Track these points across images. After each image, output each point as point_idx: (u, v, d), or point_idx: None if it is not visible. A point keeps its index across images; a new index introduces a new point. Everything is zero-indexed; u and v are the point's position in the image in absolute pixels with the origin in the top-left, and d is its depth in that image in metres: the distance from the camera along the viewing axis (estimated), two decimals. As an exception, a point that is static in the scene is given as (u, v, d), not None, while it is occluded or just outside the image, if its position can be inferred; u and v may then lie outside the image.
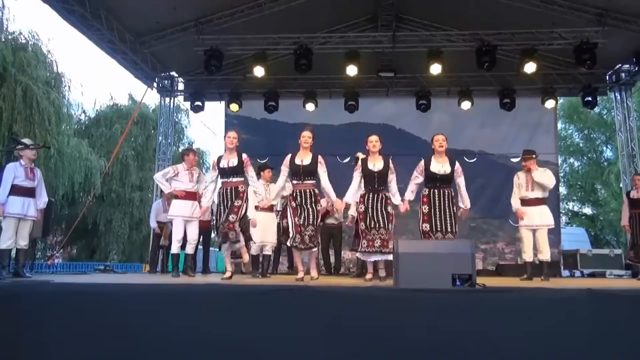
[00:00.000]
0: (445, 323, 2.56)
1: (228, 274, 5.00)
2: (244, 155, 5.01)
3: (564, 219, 21.38)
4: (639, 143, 9.91)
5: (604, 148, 20.79)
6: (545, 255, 5.60)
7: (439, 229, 4.80)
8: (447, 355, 2.50)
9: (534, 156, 5.85)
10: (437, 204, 4.85)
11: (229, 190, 4.92)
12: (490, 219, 9.86)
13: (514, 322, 2.56)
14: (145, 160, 17.86)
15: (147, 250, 10.53)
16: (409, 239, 5.16)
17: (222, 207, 4.95)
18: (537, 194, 5.71)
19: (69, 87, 15.15)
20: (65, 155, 14.17)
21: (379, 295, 2.87)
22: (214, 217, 4.92)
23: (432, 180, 4.94)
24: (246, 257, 5.54)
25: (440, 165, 4.93)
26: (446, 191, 4.91)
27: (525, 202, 5.77)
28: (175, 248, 5.67)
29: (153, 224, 7.66)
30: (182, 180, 5.70)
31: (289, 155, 4.92)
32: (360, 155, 5.61)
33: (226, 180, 4.96)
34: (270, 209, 6.13)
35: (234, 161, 4.91)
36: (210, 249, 9.07)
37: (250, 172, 5.05)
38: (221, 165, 4.94)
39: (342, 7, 8.51)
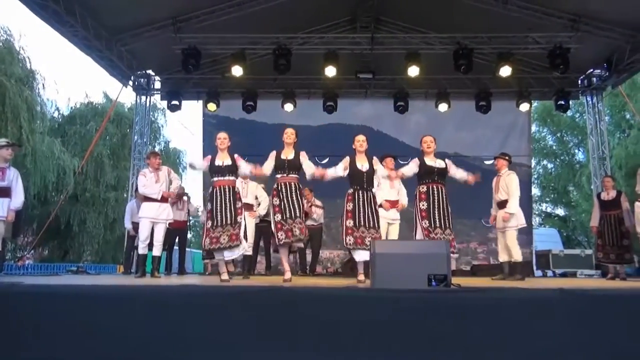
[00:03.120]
0: (421, 323, 2.58)
1: (225, 277, 4.83)
2: (235, 155, 5.00)
3: (537, 219, 21.86)
4: (609, 146, 10.16)
5: (576, 151, 21.30)
6: (512, 255, 5.76)
7: (438, 225, 4.85)
8: (423, 354, 2.52)
9: (506, 158, 6.05)
10: (435, 200, 4.92)
11: (226, 189, 4.80)
12: (463, 219, 10.00)
13: (489, 322, 2.59)
14: (120, 159, 17.57)
15: (121, 251, 10.35)
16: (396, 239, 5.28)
17: (218, 207, 4.74)
18: (502, 196, 5.87)
19: (43, 85, 14.86)
20: (37, 154, 13.85)
21: (355, 295, 2.88)
22: (207, 219, 4.79)
23: (429, 174, 5.01)
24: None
25: (434, 161, 5.07)
26: (442, 187, 5.00)
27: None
28: (140, 248, 5.76)
29: (128, 224, 7.55)
30: (148, 184, 5.80)
31: (275, 151, 4.99)
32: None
33: (222, 178, 4.85)
34: (249, 207, 6.12)
35: (228, 161, 4.90)
36: (187, 249, 8.96)
37: (242, 165, 4.99)
38: (216, 163, 4.87)
39: (321, 7, 8.50)
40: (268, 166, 4.98)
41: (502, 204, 5.81)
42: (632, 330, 2.53)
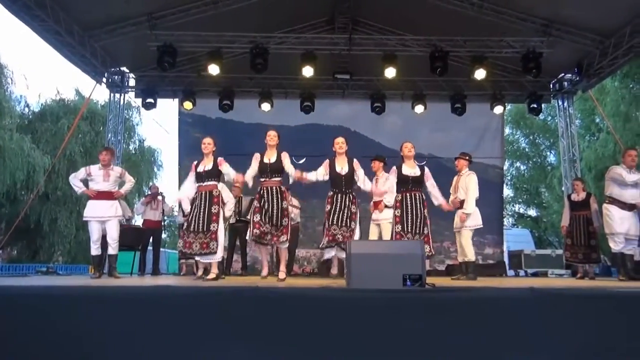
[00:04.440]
0: (396, 323, 2.60)
1: (200, 273, 5.21)
2: (219, 158, 5.04)
3: (510, 220, 22.30)
4: (580, 149, 10.40)
5: (548, 153, 21.81)
6: (465, 254, 5.84)
7: (409, 230, 5.19)
8: (397, 354, 2.54)
9: (466, 158, 6.12)
10: (408, 207, 5.24)
11: (203, 195, 4.92)
12: (437, 219, 10.09)
13: (462, 320, 2.63)
14: (93, 157, 17.10)
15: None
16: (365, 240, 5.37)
17: (195, 212, 4.88)
18: (461, 195, 5.92)
19: (12, 80, 14.45)
20: (6, 151, 13.47)
21: (330, 295, 2.88)
22: (184, 222, 5.03)
23: (404, 183, 5.33)
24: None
25: (410, 169, 5.34)
26: (417, 194, 5.31)
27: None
28: (93, 250, 5.64)
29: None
30: (96, 180, 5.66)
31: (259, 154, 5.07)
32: None
33: (202, 184, 4.98)
34: None
35: (209, 165, 4.97)
36: (161, 249, 8.84)
37: (225, 169, 5.03)
38: (198, 170, 4.99)
39: (299, 7, 8.50)
40: (251, 173, 5.04)
41: (462, 204, 5.87)
42: (597, 328, 2.61)
